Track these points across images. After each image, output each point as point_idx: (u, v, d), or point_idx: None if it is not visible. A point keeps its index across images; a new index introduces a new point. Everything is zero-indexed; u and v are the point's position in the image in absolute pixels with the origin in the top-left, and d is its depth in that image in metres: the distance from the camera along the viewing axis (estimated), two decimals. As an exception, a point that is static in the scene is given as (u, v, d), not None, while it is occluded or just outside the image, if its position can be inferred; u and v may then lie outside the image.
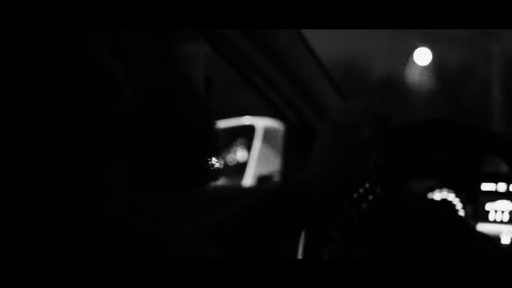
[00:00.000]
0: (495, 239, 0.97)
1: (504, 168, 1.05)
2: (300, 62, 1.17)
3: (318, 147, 0.82)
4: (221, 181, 1.49)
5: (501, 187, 1.03)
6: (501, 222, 1.01)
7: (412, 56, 10.74)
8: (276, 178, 1.60)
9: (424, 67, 10.98)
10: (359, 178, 0.86)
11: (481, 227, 1.02)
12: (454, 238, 0.77)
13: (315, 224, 0.90)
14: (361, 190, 0.86)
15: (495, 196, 1.03)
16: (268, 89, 1.15)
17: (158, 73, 0.47)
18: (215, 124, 0.53)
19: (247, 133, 1.65)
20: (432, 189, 1.13)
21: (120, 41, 0.44)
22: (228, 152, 1.66)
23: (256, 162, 1.58)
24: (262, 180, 1.75)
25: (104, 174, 0.45)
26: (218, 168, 0.53)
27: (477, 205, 1.05)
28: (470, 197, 1.07)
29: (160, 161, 0.49)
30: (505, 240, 0.99)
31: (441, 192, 1.12)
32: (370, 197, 0.85)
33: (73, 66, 0.41)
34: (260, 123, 1.63)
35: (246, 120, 1.69)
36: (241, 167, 1.63)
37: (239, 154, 1.68)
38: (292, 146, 1.44)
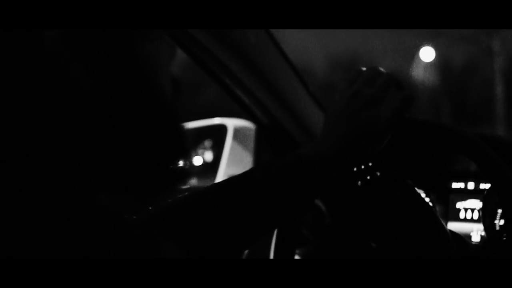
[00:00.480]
0: (466, 237, 0.98)
1: (473, 166, 1.06)
2: (270, 63, 1.16)
3: (333, 116, 0.75)
4: (191, 183, 1.47)
5: (471, 185, 1.04)
6: (471, 220, 1.02)
7: (415, 54, 10.84)
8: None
9: (427, 65, 11.08)
10: (368, 155, 0.83)
11: (452, 225, 1.03)
12: (427, 236, 0.76)
13: (289, 223, 0.88)
14: (363, 166, 0.84)
15: (465, 194, 1.04)
16: (237, 89, 1.14)
17: (121, 72, 0.45)
18: (182, 124, 0.52)
19: (217, 133, 1.63)
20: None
21: (80, 39, 0.42)
22: (197, 153, 1.64)
23: (227, 163, 1.56)
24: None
25: (68, 176, 0.44)
26: (186, 169, 0.52)
27: (447, 204, 1.06)
28: (440, 196, 1.08)
29: (126, 163, 0.48)
30: (475, 238, 1.00)
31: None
32: (368, 177, 0.83)
33: (30, 65, 0.39)
34: (231, 122, 1.61)
35: (216, 120, 1.67)
36: (211, 168, 1.61)
37: (208, 155, 1.66)
38: (264, 146, 1.43)
